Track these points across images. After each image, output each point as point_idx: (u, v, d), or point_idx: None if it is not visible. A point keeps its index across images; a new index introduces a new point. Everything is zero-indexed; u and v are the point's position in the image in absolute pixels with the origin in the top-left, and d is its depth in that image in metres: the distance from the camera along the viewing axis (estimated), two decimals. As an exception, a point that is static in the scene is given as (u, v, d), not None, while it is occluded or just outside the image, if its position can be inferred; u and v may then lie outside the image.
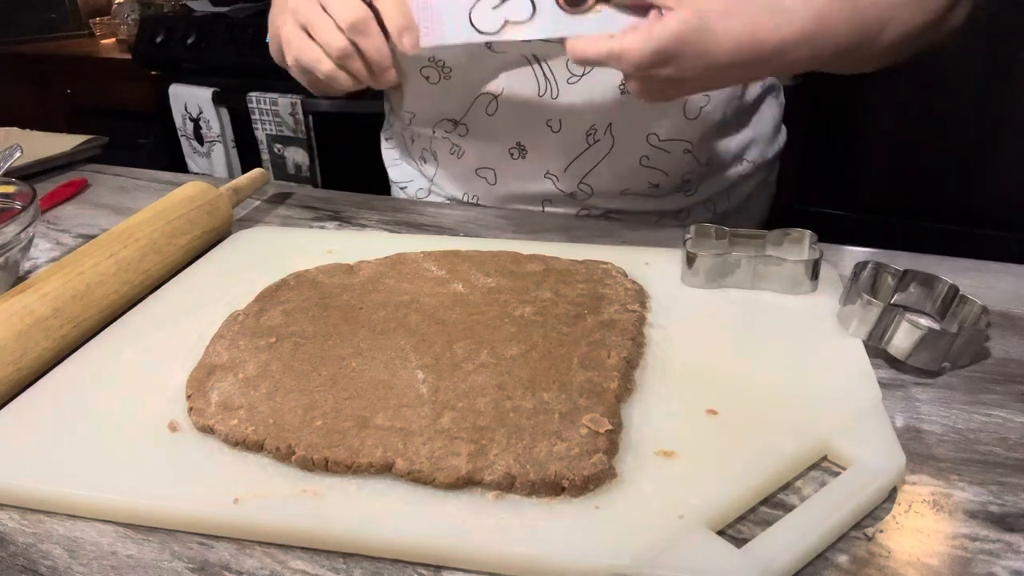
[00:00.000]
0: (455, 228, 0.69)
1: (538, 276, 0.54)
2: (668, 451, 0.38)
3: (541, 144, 0.72)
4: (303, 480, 0.37)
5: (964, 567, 0.32)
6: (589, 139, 0.71)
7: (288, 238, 0.65)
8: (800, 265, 0.51)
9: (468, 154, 0.76)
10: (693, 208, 0.78)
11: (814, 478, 0.37)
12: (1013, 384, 0.44)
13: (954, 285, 0.49)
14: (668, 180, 0.74)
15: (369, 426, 0.39)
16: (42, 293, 0.49)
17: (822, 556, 0.33)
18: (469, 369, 0.43)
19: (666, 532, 0.33)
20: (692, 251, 0.53)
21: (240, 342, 0.47)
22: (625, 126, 0.70)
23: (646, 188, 0.74)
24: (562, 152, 0.72)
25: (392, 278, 0.55)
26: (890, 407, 0.42)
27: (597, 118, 0.70)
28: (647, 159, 0.72)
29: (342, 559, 0.34)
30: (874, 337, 0.46)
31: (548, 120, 0.70)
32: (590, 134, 0.71)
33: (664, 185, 0.74)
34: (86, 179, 0.85)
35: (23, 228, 0.56)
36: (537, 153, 0.73)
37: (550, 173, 0.73)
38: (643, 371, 0.44)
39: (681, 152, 0.73)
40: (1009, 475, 0.37)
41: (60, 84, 2.28)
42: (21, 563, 0.35)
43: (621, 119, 0.70)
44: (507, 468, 0.36)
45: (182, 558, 0.34)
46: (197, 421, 0.41)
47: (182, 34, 1.92)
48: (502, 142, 0.73)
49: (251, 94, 1.79)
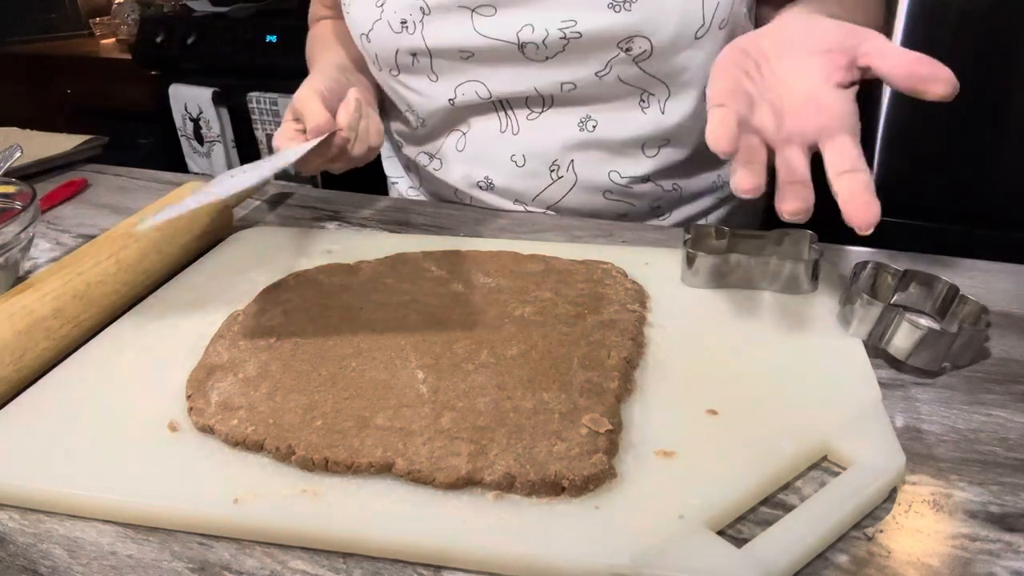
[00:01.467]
0: (455, 228, 0.69)
1: (538, 276, 0.54)
2: (668, 451, 0.38)
3: (507, 177, 0.74)
4: (303, 480, 0.37)
5: (964, 567, 0.32)
6: (552, 174, 0.72)
7: (288, 238, 0.65)
8: (800, 265, 0.51)
9: (443, 183, 0.79)
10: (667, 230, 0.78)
11: (814, 478, 0.37)
12: (1013, 384, 0.44)
13: (954, 285, 0.49)
14: (636, 209, 0.75)
15: (369, 426, 0.39)
16: (42, 293, 0.49)
17: (822, 556, 0.33)
18: (469, 369, 0.43)
19: (666, 532, 0.33)
20: (692, 251, 0.53)
21: (240, 342, 0.47)
22: (586, 163, 0.71)
23: (615, 217, 0.74)
24: (529, 185, 0.73)
25: (392, 278, 0.55)
26: (890, 407, 0.42)
27: (558, 154, 0.71)
28: (611, 193, 0.73)
29: (342, 559, 0.34)
30: (874, 337, 0.46)
31: (512, 155, 0.72)
32: (553, 169, 0.72)
33: (633, 214, 0.75)
34: (86, 179, 0.85)
35: (23, 228, 0.56)
36: (505, 185, 0.74)
37: (519, 201, 0.75)
38: (643, 371, 0.44)
39: (647, 186, 0.73)
40: (1009, 475, 0.37)
41: (60, 84, 2.28)
42: (21, 563, 0.35)
43: (580, 156, 0.71)
44: (507, 468, 0.36)
45: (182, 558, 0.34)
46: (197, 421, 0.41)
47: (182, 34, 1.92)
48: (472, 176, 0.75)
49: (251, 94, 1.79)
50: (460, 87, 0.70)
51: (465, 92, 0.70)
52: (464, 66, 0.69)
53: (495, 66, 0.68)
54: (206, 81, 1.89)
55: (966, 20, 1.22)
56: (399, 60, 0.71)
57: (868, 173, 0.43)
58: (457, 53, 0.68)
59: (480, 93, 0.70)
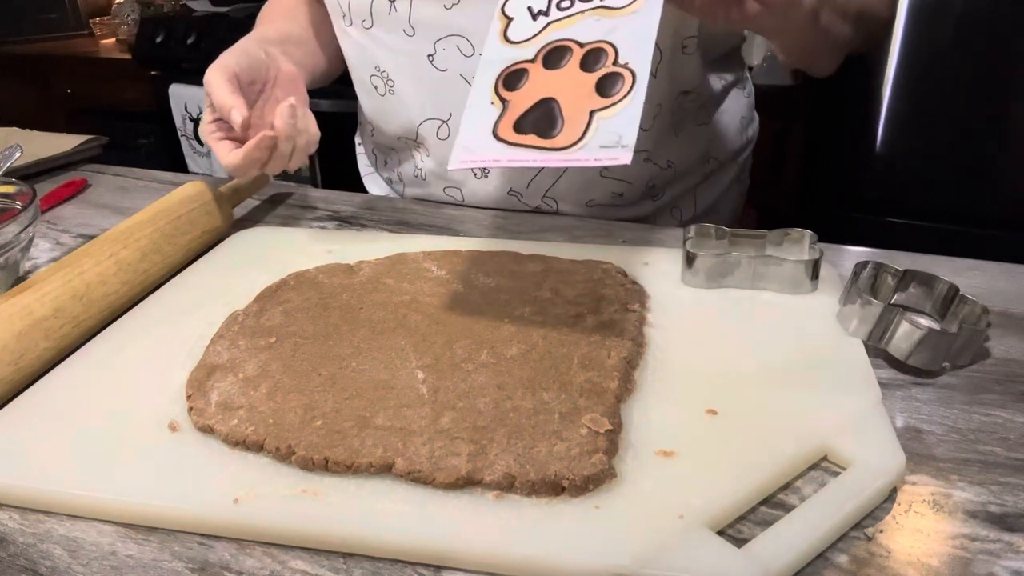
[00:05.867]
0: (455, 228, 0.69)
1: (538, 276, 0.54)
2: (668, 451, 0.38)
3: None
4: (303, 480, 0.37)
5: (964, 567, 0.32)
6: None
7: (288, 238, 0.65)
8: (800, 265, 0.51)
9: (430, 177, 0.76)
10: (658, 214, 0.77)
11: (814, 478, 0.37)
12: (1013, 384, 0.44)
13: (954, 285, 0.49)
14: (632, 188, 0.73)
15: (369, 426, 0.39)
16: (42, 293, 0.49)
17: (822, 556, 0.33)
18: (469, 369, 0.43)
19: (666, 532, 0.33)
20: (692, 251, 0.53)
21: (240, 342, 0.47)
22: None
23: (610, 198, 0.73)
24: (522, 170, 0.71)
25: (392, 278, 0.55)
26: (890, 407, 0.42)
27: None
28: (607, 170, 0.71)
29: (342, 559, 0.34)
30: (874, 337, 0.46)
31: None
32: None
33: (628, 194, 0.74)
34: (86, 179, 0.85)
35: (23, 228, 0.56)
36: (496, 172, 0.72)
37: (513, 191, 0.72)
38: (643, 371, 0.44)
39: (641, 161, 0.72)
40: (1009, 475, 0.37)
41: (60, 84, 2.28)
42: (21, 563, 0.35)
43: None
44: (507, 468, 0.36)
45: (182, 558, 0.34)
46: (197, 421, 0.41)
47: (182, 34, 1.92)
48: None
49: (251, 94, 1.79)
50: (440, 42, 0.65)
51: (446, 48, 0.65)
52: (446, 16, 0.64)
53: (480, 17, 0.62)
54: (206, 81, 1.89)
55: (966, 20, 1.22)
56: (374, 8, 0.66)
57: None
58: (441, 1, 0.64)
59: (463, 49, 0.65)
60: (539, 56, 0.48)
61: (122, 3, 2.38)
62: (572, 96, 0.45)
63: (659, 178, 0.74)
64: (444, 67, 0.67)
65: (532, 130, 0.45)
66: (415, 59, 0.67)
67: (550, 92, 0.46)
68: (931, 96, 1.30)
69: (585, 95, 0.45)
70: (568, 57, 0.47)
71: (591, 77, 0.46)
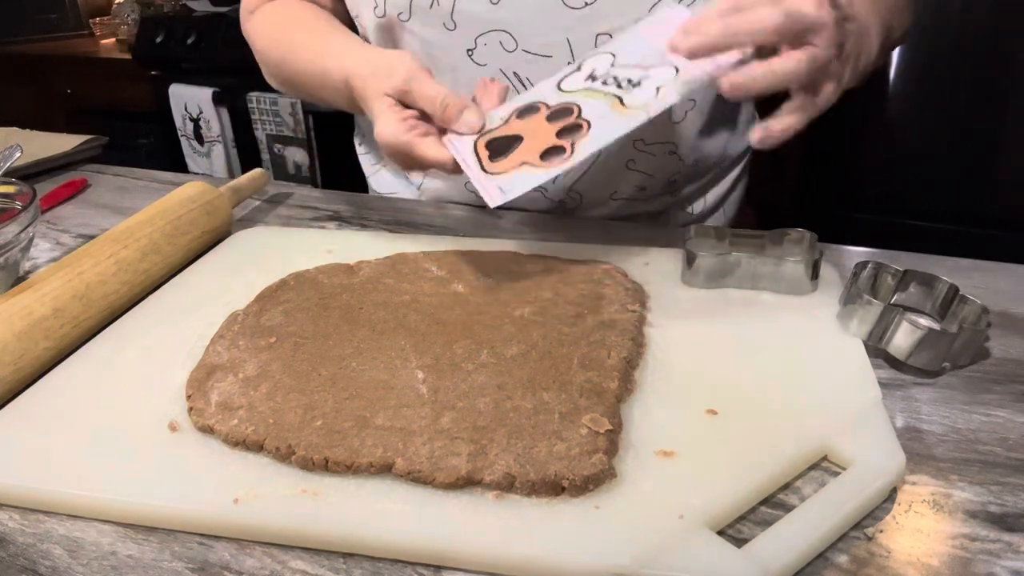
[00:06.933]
0: (455, 228, 0.69)
1: (538, 276, 0.54)
2: (668, 451, 0.38)
3: None
4: (303, 480, 0.37)
5: (964, 567, 0.32)
6: None
7: (288, 238, 0.65)
8: (800, 265, 0.51)
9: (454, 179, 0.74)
10: (672, 210, 0.78)
11: (814, 478, 0.37)
12: (1013, 384, 0.44)
13: (954, 285, 0.49)
14: (655, 182, 0.74)
15: (369, 426, 0.39)
16: (42, 293, 0.49)
17: (822, 556, 0.33)
18: (469, 369, 0.43)
19: (666, 532, 0.33)
20: (692, 251, 0.53)
21: (240, 342, 0.47)
22: None
23: (633, 191, 0.74)
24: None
25: (392, 278, 0.55)
26: (890, 407, 0.42)
27: None
28: (633, 162, 0.72)
29: (342, 559, 0.34)
30: (874, 337, 0.46)
31: None
32: None
33: (651, 187, 0.74)
34: (86, 179, 0.85)
35: (23, 228, 0.56)
36: None
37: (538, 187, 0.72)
38: (643, 371, 0.44)
39: (667, 154, 0.72)
40: (1009, 475, 0.37)
41: (60, 84, 2.28)
42: (21, 563, 0.35)
43: None
44: (507, 468, 0.36)
45: (182, 558, 0.34)
46: (197, 421, 0.41)
47: (182, 34, 1.92)
48: None
49: (251, 94, 1.79)
50: (482, 37, 0.64)
51: (488, 43, 0.64)
52: (492, 11, 0.63)
53: (526, 12, 0.62)
54: (206, 81, 1.89)
55: (966, 20, 1.22)
56: (414, 1, 0.64)
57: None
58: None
59: (506, 45, 0.64)
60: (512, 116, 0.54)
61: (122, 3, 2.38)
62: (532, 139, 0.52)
63: (681, 173, 0.75)
64: (483, 62, 0.66)
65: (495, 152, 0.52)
66: (451, 53, 0.67)
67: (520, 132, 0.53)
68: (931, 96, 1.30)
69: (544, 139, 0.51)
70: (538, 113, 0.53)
71: (554, 127, 0.52)
